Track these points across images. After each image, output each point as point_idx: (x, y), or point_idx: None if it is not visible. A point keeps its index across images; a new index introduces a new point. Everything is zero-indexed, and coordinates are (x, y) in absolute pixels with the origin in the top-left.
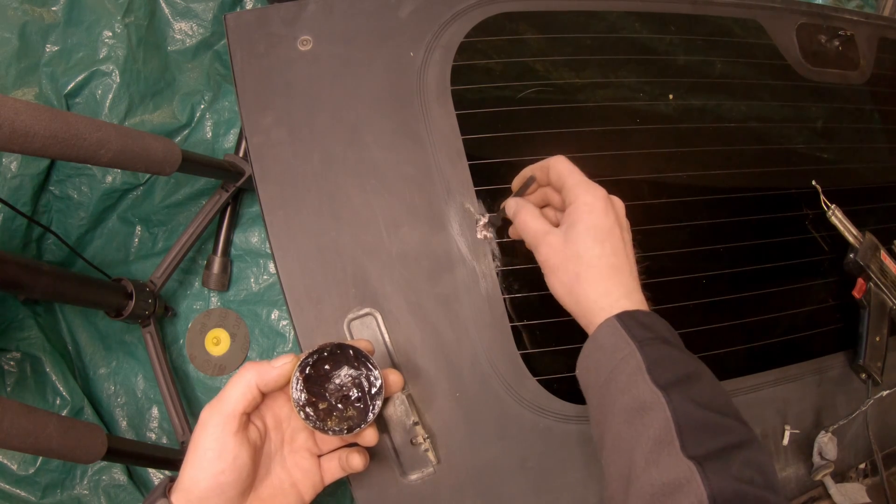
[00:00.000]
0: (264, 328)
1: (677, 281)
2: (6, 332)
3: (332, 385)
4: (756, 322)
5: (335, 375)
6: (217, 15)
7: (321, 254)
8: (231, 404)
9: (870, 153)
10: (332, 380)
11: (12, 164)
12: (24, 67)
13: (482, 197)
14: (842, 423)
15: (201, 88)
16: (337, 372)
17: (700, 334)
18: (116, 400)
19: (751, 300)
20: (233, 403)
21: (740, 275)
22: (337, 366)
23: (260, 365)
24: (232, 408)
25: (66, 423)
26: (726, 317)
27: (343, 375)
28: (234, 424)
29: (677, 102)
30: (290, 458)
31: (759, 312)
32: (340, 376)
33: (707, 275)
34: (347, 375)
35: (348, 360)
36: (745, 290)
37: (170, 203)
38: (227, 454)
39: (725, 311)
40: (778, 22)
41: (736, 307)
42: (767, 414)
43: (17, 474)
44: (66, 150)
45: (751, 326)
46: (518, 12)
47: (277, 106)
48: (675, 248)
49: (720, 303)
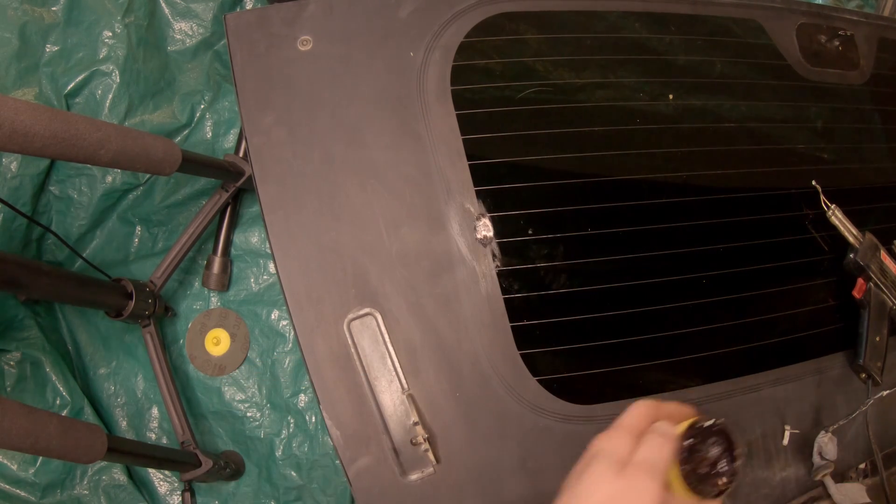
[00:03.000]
0: (264, 328)
1: (677, 281)
2: (6, 332)
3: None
4: (756, 322)
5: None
6: (217, 15)
7: (321, 254)
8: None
9: (870, 153)
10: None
11: (12, 164)
12: (24, 67)
13: (482, 197)
14: (842, 423)
15: (201, 88)
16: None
17: (700, 334)
18: (116, 400)
19: (751, 300)
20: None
21: (740, 275)
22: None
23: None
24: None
25: (66, 423)
26: (726, 317)
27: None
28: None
29: (677, 102)
30: None
31: (758, 312)
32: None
33: (707, 275)
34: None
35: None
36: (745, 290)
37: (170, 203)
38: None
39: (725, 311)
40: (778, 22)
41: (736, 307)
42: (767, 414)
43: (17, 474)
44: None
45: (751, 326)
46: (518, 12)
47: (277, 106)
48: (675, 248)
49: (720, 303)
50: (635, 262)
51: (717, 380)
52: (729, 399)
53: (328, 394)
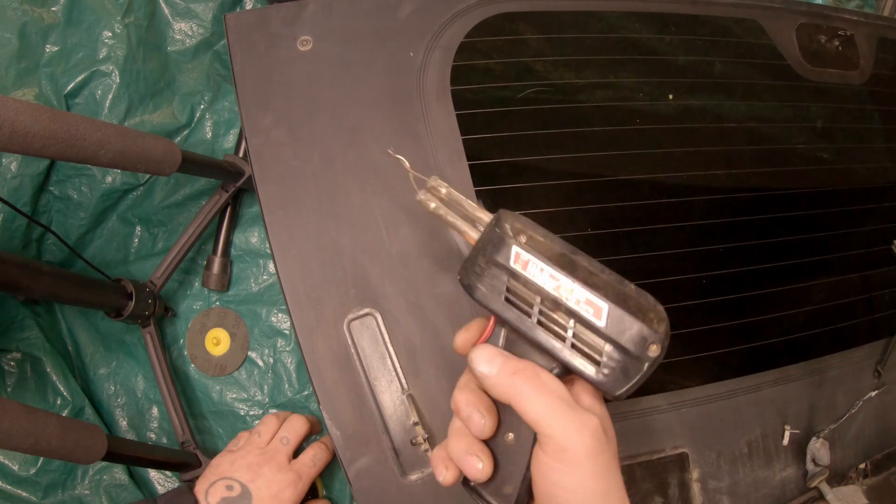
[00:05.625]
0: (264, 328)
1: (677, 281)
2: (6, 333)
3: None
4: (756, 322)
5: None
6: (217, 15)
7: (321, 254)
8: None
9: (870, 153)
10: None
11: (12, 164)
12: (23, 67)
13: (482, 197)
14: (832, 427)
15: (201, 88)
16: None
17: (700, 334)
18: (116, 400)
19: (751, 300)
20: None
21: (740, 274)
22: None
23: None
24: None
25: (66, 423)
26: (726, 316)
27: None
28: None
29: (677, 102)
30: None
31: (758, 312)
32: None
33: (706, 275)
34: None
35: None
36: (745, 290)
37: (170, 203)
38: None
39: (725, 311)
40: (778, 22)
41: (736, 307)
42: (767, 414)
43: (18, 475)
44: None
45: (751, 326)
46: (518, 12)
47: (277, 106)
48: (675, 248)
49: (720, 303)
50: (635, 263)
51: (717, 380)
52: (729, 399)
53: (328, 394)
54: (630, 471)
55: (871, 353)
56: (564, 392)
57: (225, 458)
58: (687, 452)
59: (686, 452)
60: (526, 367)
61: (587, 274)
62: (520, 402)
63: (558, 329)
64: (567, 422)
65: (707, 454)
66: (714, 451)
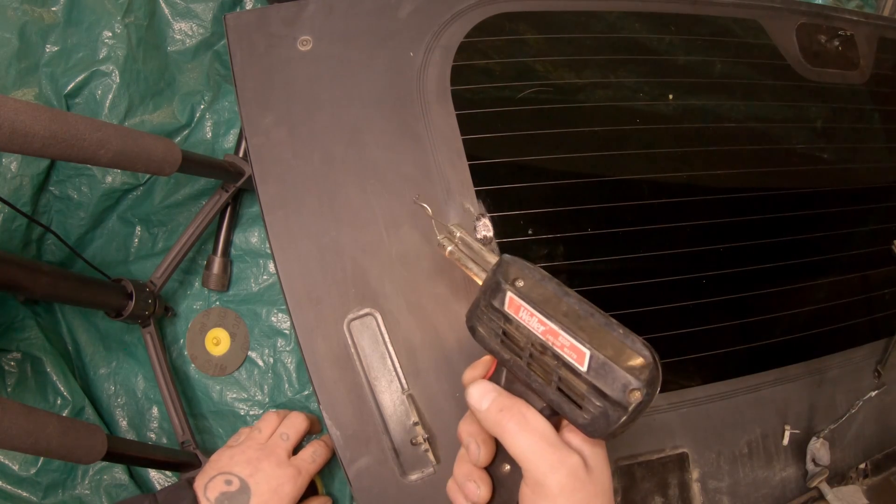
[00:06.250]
0: (264, 328)
1: (677, 281)
2: (6, 333)
3: None
4: (756, 322)
5: None
6: (217, 15)
7: (321, 254)
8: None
9: (869, 153)
10: None
11: (12, 164)
12: (24, 67)
13: (482, 197)
14: (832, 427)
15: (201, 88)
16: None
17: (700, 334)
18: (116, 400)
19: (751, 300)
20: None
21: (740, 274)
22: None
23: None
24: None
25: (66, 423)
26: (726, 316)
27: None
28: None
29: (677, 102)
30: None
31: (759, 312)
32: None
33: (706, 275)
34: None
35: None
36: (745, 290)
37: (170, 203)
38: None
39: (725, 311)
40: (778, 22)
41: (736, 307)
42: (767, 414)
43: (18, 475)
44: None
45: (751, 326)
46: (518, 12)
47: (277, 106)
48: (675, 248)
49: (720, 302)
50: (635, 263)
51: (717, 380)
52: (729, 399)
53: (328, 394)
54: (630, 471)
55: (871, 353)
56: (548, 430)
57: (224, 454)
58: (687, 452)
59: (686, 452)
60: (513, 406)
61: (574, 319)
62: (505, 437)
63: (546, 371)
64: (543, 459)
65: (707, 454)
66: (714, 451)
